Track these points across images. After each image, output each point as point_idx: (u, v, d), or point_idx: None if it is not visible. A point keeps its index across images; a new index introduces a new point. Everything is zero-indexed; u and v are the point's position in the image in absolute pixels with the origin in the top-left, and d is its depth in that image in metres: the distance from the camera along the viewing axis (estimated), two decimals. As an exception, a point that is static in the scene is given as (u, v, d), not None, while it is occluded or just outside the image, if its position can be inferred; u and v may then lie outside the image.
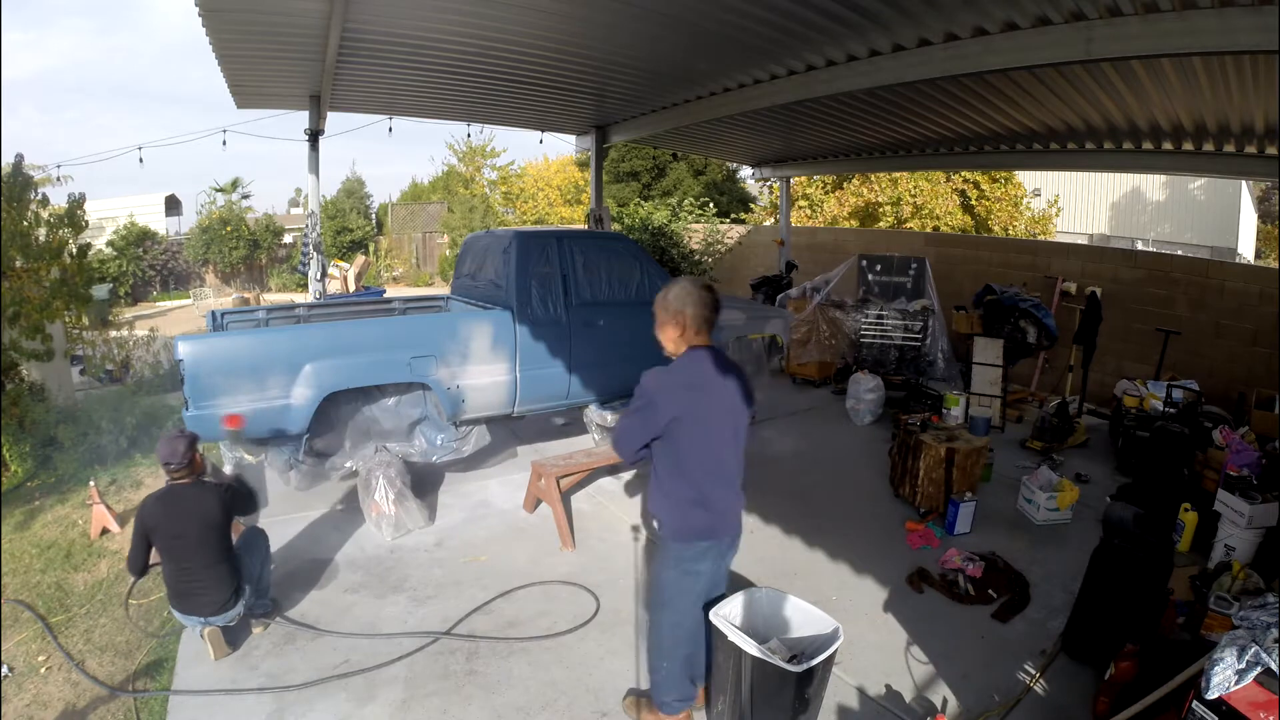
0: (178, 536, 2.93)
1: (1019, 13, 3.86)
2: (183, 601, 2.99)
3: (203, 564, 2.96)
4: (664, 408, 2.28)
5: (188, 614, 2.99)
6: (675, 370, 2.36)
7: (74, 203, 5.72)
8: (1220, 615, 2.95)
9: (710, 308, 2.38)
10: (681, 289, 2.37)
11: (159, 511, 2.94)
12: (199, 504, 2.97)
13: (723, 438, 2.37)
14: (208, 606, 2.97)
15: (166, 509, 2.95)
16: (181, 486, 3.00)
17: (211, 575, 2.97)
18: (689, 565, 2.41)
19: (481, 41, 5.10)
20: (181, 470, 2.98)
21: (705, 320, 2.36)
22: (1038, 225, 15.14)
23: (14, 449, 4.97)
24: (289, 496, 4.63)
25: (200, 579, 2.96)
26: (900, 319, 7.34)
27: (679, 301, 2.35)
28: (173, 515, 2.94)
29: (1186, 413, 5.37)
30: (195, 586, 2.96)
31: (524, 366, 4.93)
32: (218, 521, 2.99)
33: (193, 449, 3.03)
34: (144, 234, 16.98)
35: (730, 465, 2.42)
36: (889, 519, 4.56)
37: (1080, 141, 6.98)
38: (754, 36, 4.77)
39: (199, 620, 3.00)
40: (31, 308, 5.16)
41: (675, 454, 2.34)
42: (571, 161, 21.60)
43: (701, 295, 2.37)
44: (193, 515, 2.95)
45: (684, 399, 2.29)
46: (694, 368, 2.35)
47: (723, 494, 2.41)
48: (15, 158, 5.50)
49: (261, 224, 18.25)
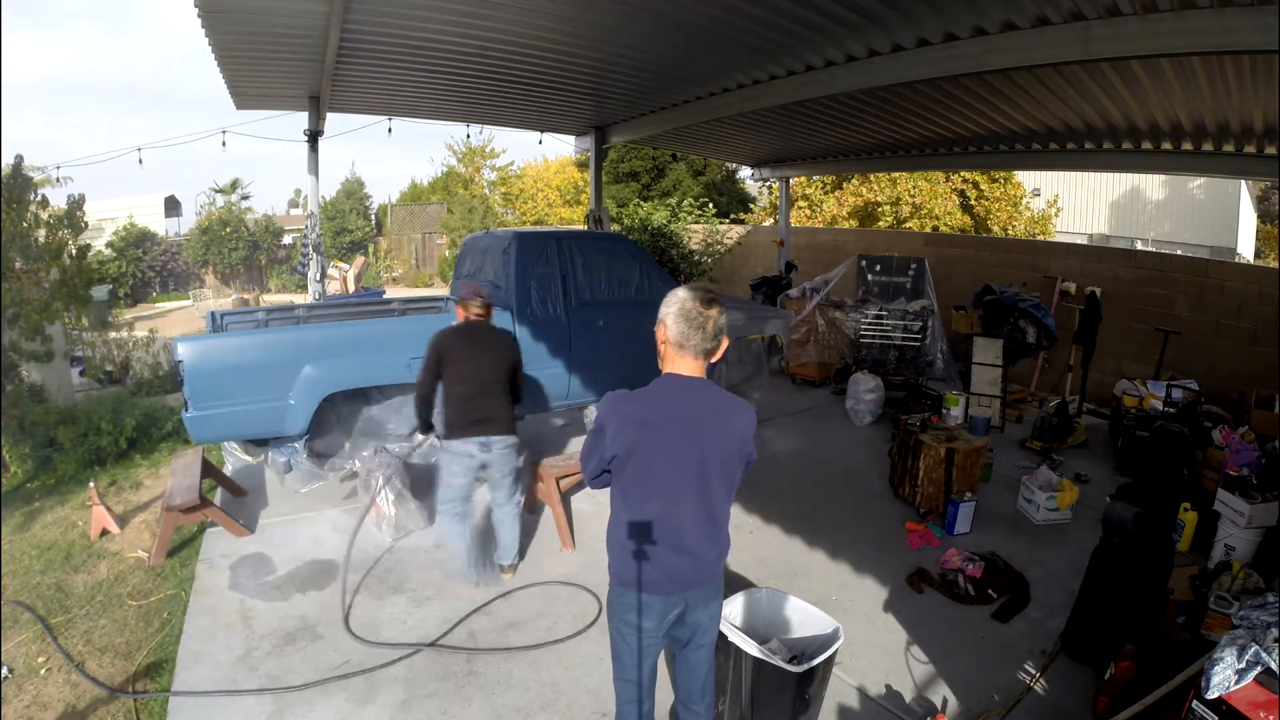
0: (476, 363, 3.42)
1: (1018, 13, 3.86)
2: (467, 426, 3.41)
3: (493, 393, 3.45)
4: (610, 441, 1.93)
5: (467, 437, 3.42)
6: (634, 398, 1.97)
7: (73, 204, 5.73)
8: (1220, 615, 2.95)
9: (694, 324, 1.89)
10: (674, 293, 1.97)
11: (458, 341, 3.43)
12: (496, 341, 3.50)
13: (680, 490, 1.94)
14: (494, 427, 3.44)
15: (467, 339, 3.45)
16: (480, 323, 3.50)
17: (499, 404, 3.47)
18: (624, 615, 2.04)
19: (480, 42, 5.10)
20: (484, 310, 3.50)
21: (684, 337, 1.91)
22: (1037, 225, 15.13)
23: (14, 450, 4.97)
24: (289, 497, 4.63)
25: (488, 399, 3.44)
26: (900, 319, 7.34)
27: (664, 306, 1.95)
28: (472, 345, 3.44)
29: (1186, 412, 5.37)
30: (483, 407, 3.42)
31: (524, 367, 4.93)
32: (508, 364, 3.51)
33: (489, 297, 3.58)
34: (143, 235, 17.00)
35: (688, 524, 1.96)
36: (889, 519, 4.56)
37: (1080, 141, 6.98)
38: (753, 37, 4.77)
39: (480, 443, 3.43)
40: (31, 309, 5.16)
41: (623, 493, 2.00)
42: (571, 162, 21.59)
43: (687, 306, 1.91)
44: (489, 349, 3.47)
45: (632, 435, 1.91)
46: (655, 399, 1.95)
47: (670, 553, 1.97)
48: (15, 159, 5.51)
49: (261, 225, 18.26)
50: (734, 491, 2.06)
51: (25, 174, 5.53)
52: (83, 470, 5.06)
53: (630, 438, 1.91)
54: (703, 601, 2.08)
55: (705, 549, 2.01)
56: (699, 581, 2.04)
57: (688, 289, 1.96)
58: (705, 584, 2.06)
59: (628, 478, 1.96)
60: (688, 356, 1.94)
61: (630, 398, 1.97)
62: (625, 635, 2.07)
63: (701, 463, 1.94)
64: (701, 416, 1.94)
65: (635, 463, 1.93)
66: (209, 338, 4.41)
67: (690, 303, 1.90)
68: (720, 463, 1.97)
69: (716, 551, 2.05)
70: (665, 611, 2.03)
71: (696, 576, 2.02)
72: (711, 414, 1.96)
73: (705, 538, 2.00)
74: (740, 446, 2.00)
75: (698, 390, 1.96)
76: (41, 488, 4.90)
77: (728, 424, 1.96)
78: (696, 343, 1.91)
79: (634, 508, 1.97)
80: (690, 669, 2.17)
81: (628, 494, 1.99)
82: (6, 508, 4.47)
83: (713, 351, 1.96)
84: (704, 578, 2.05)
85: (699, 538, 1.99)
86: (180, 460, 4.46)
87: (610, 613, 2.11)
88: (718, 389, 2.02)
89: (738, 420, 1.98)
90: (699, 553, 2.00)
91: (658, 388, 1.97)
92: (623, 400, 1.97)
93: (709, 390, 1.98)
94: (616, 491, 2.02)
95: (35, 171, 5.93)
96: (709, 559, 2.03)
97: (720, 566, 2.11)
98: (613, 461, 1.95)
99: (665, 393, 1.96)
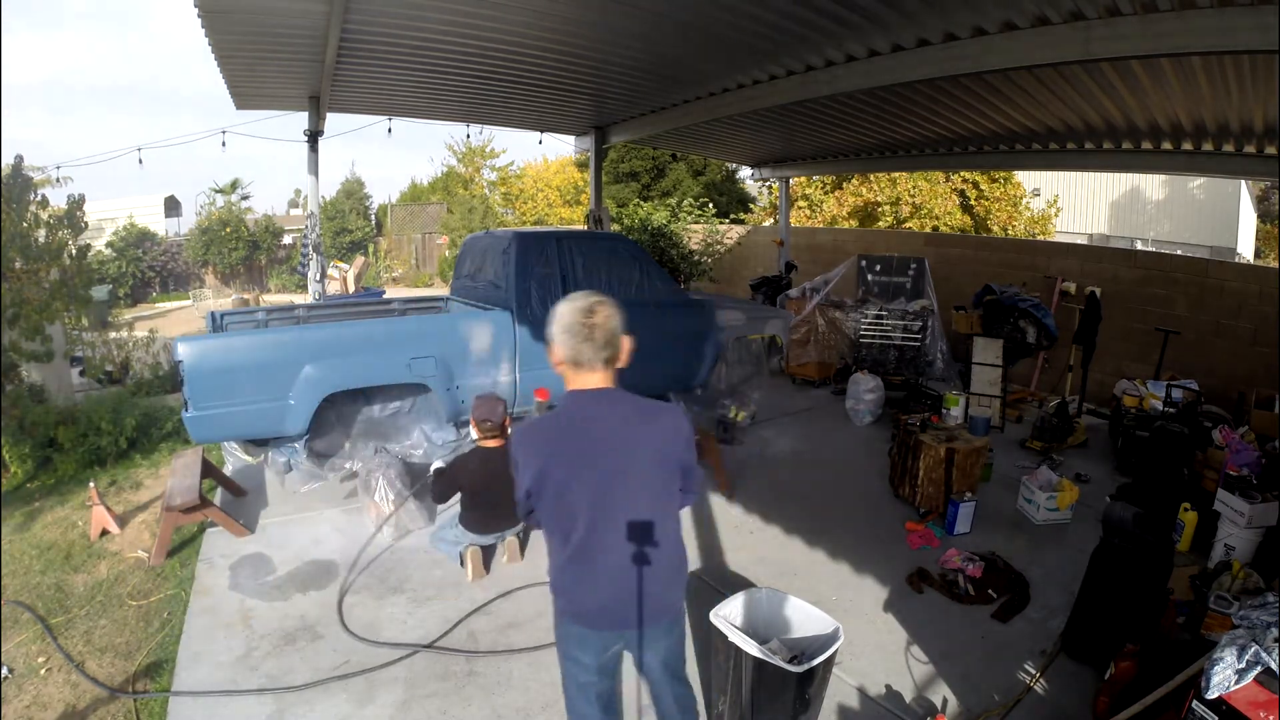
0: (492, 489, 3.64)
1: (1018, 13, 3.86)
2: (486, 526, 3.72)
3: (509, 499, 3.62)
4: (521, 473, 1.80)
5: (484, 534, 3.73)
6: (540, 424, 1.83)
7: (73, 204, 5.73)
8: (1220, 615, 2.95)
9: (579, 336, 1.73)
10: (555, 309, 1.80)
11: (476, 471, 3.68)
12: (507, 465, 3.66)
13: (601, 513, 1.77)
14: (510, 523, 3.76)
15: (484, 468, 3.68)
16: (494, 449, 3.71)
17: (513, 502, 3.58)
18: (568, 648, 1.91)
19: (480, 42, 5.10)
20: (495, 430, 3.72)
21: (576, 353, 1.75)
22: (1037, 225, 15.14)
23: (14, 450, 4.97)
24: (288, 497, 4.63)
25: (506, 507, 3.52)
26: (900, 319, 7.34)
27: (549, 323, 1.79)
28: (489, 473, 3.66)
29: (1186, 412, 5.37)
30: (500, 514, 3.69)
31: (523, 367, 4.93)
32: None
33: (506, 412, 3.82)
34: (143, 235, 17.01)
35: (615, 550, 1.78)
36: (889, 519, 4.56)
37: (1080, 141, 6.98)
38: (753, 37, 4.77)
39: (495, 536, 3.77)
40: (31, 309, 5.16)
41: (545, 525, 1.87)
42: (571, 162, 21.59)
43: (568, 319, 1.75)
44: (507, 472, 3.55)
45: (539, 464, 1.77)
46: (559, 421, 1.81)
47: (599, 585, 1.81)
48: (15, 159, 5.51)
49: (261, 225, 18.27)
50: (673, 506, 1.90)
51: (25, 174, 5.53)
52: (83, 470, 5.06)
53: (537, 467, 1.78)
54: (652, 641, 1.89)
55: (643, 577, 1.80)
56: (644, 618, 1.83)
57: (566, 301, 1.80)
58: (653, 621, 1.86)
59: (546, 509, 1.83)
60: (585, 371, 1.78)
61: (534, 424, 1.84)
62: (566, 667, 1.96)
63: (621, 479, 1.78)
64: (612, 429, 1.79)
65: (549, 492, 1.79)
66: (209, 338, 4.41)
67: (570, 315, 1.76)
68: (644, 476, 1.80)
69: (663, 580, 1.85)
70: (602, 648, 1.88)
71: (634, 612, 1.81)
72: (623, 424, 1.79)
73: (639, 564, 1.79)
74: (668, 453, 1.82)
75: (606, 402, 1.80)
76: (41, 488, 4.90)
77: (646, 432, 1.80)
78: (589, 355, 1.75)
79: (555, 537, 1.84)
80: (663, 709, 2.08)
81: (548, 525, 1.85)
82: (6, 508, 4.47)
83: (613, 359, 1.79)
84: (649, 613, 1.83)
85: (628, 566, 1.79)
86: (180, 460, 4.46)
87: (557, 638, 1.99)
88: (632, 397, 1.83)
89: (659, 426, 1.82)
90: (631, 583, 1.79)
91: (563, 409, 1.82)
92: (528, 429, 1.84)
93: (619, 400, 1.81)
94: (543, 524, 1.88)
95: (35, 171, 5.94)
96: (652, 591, 1.81)
97: (674, 598, 1.92)
98: (529, 496, 1.82)
99: (569, 412, 1.81)
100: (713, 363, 6.14)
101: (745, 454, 5.61)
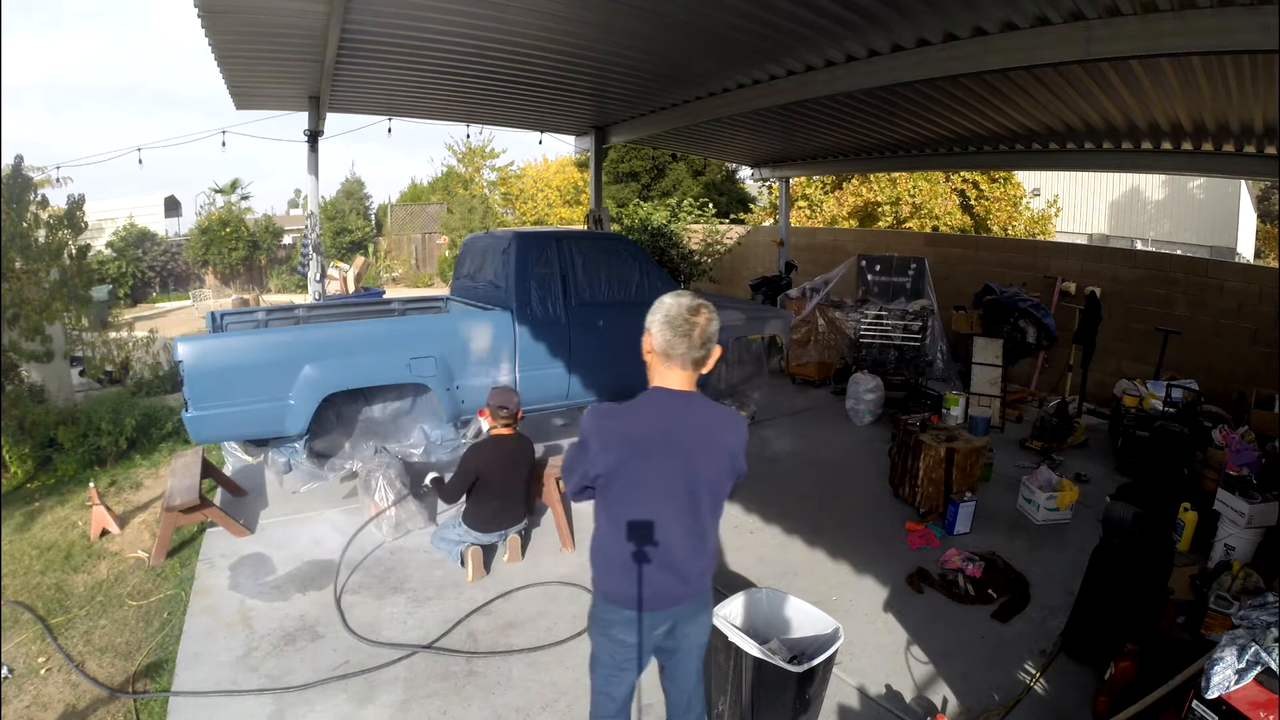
0: (507, 476, 3.79)
1: (1018, 13, 3.86)
2: (491, 523, 3.79)
3: (518, 490, 3.89)
4: (594, 458, 1.84)
5: (490, 532, 3.80)
6: (621, 413, 1.87)
7: (73, 204, 5.73)
8: (1220, 615, 2.95)
9: (679, 331, 1.79)
10: (660, 300, 1.86)
11: (493, 458, 3.77)
12: (523, 451, 3.93)
13: (668, 509, 1.87)
14: (514, 520, 3.88)
15: (499, 454, 3.79)
16: (508, 436, 3.84)
17: (520, 497, 3.91)
18: (612, 632, 1.97)
19: (480, 42, 5.10)
20: (509, 419, 3.84)
21: (670, 346, 1.80)
22: (1037, 225, 15.14)
23: (14, 450, 4.97)
24: (288, 497, 4.63)
25: (514, 500, 3.87)
26: (899, 319, 7.34)
27: (650, 314, 1.85)
28: (505, 460, 3.79)
29: (1186, 412, 5.37)
30: (508, 507, 3.84)
31: (524, 367, 4.93)
32: (532, 462, 4.01)
33: (519, 403, 3.95)
34: (143, 235, 17.01)
35: (675, 541, 1.89)
36: (889, 519, 4.56)
37: (1080, 141, 6.98)
38: (753, 37, 4.77)
39: (499, 534, 3.85)
40: (31, 309, 5.16)
41: (608, 510, 1.92)
42: (571, 162, 21.60)
43: (672, 312, 1.81)
44: (520, 460, 3.88)
45: (617, 454, 1.83)
46: (641, 415, 1.86)
47: (656, 570, 1.90)
48: (15, 159, 5.52)
49: (261, 225, 18.28)
50: (722, 506, 1.98)
51: (25, 174, 5.54)
52: (83, 470, 5.06)
53: (615, 456, 1.82)
54: (690, 615, 2.01)
55: (692, 565, 1.94)
56: (686, 597, 1.97)
57: (674, 295, 1.86)
58: (693, 599, 1.99)
59: (612, 495, 1.89)
60: (675, 367, 1.83)
61: (616, 413, 1.87)
62: (608, 650, 2.00)
63: (691, 482, 1.86)
64: (692, 435, 1.85)
65: (621, 481, 1.85)
66: (209, 338, 4.41)
67: (676, 309, 1.80)
68: (710, 482, 1.89)
69: (703, 566, 1.99)
70: (652, 628, 1.96)
71: (684, 592, 1.95)
72: (702, 432, 1.87)
73: (692, 554, 1.93)
74: (731, 463, 1.91)
75: (688, 406, 1.86)
76: (41, 488, 4.90)
77: (719, 442, 1.88)
78: (683, 351, 1.80)
79: (619, 525, 1.89)
80: (679, 682, 2.13)
81: (612, 511, 1.91)
82: (6, 508, 4.47)
83: (702, 361, 1.84)
84: (691, 593, 1.97)
85: (686, 554, 1.91)
86: (180, 460, 4.46)
87: (593, 626, 2.04)
88: (709, 402, 1.92)
89: (730, 437, 1.90)
90: (686, 569, 1.93)
91: (645, 403, 1.87)
92: (608, 415, 1.87)
93: (700, 405, 1.88)
94: (600, 507, 1.94)
95: (35, 171, 5.95)
96: (696, 574, 1.96)
97: (708, 580, 2.05)
98: (596, 479, 1.87)
99: (653, 409, 1.86)
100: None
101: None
